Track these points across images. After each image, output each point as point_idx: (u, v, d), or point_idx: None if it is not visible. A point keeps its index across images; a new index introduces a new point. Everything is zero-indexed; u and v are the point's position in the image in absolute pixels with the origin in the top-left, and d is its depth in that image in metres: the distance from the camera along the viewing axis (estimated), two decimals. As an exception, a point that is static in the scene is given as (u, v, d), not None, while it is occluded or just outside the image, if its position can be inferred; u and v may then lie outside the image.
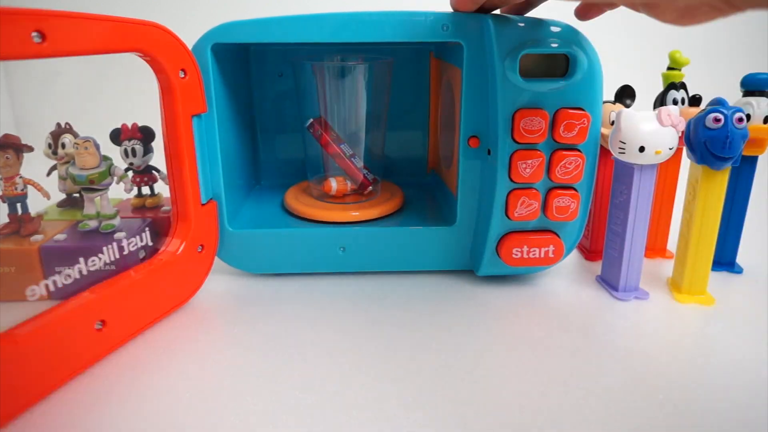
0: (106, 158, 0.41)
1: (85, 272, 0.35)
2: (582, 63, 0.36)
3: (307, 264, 0.44)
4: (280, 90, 0.54)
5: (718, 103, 0.36)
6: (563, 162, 0.38)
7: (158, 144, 0.47)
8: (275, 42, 0.38)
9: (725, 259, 0.45)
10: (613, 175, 0.40)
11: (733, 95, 0.41)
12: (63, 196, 0.48)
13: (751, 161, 0.42)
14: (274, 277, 0.44)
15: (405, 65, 0.53)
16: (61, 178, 0.46)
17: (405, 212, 0.48)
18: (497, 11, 0.39)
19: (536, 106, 0.37)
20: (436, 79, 0.52)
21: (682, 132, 0.37)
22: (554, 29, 0.37)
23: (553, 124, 0.37)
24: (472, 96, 0.39)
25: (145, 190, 0.48)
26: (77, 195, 0.47)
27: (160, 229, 0.46)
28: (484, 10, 0.38)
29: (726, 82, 0.57)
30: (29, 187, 0.41)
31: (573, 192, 0.39)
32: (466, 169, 0.41)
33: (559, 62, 0.37)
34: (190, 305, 0.40)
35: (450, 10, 0.38)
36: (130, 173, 0.46)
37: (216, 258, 0.42)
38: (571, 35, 0.37)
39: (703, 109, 0.36)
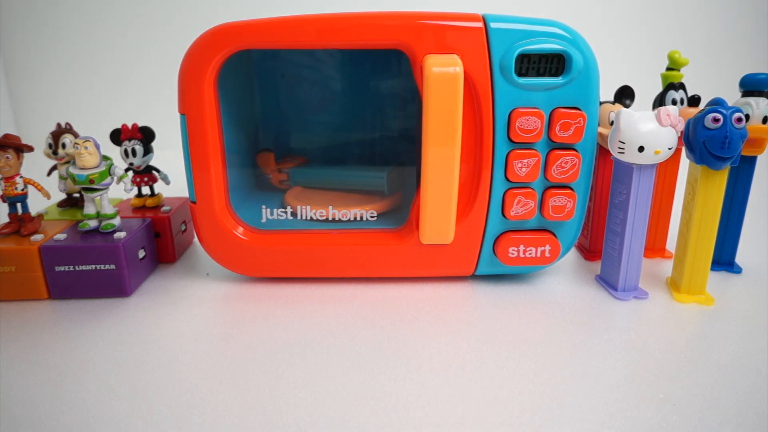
0: (106, 158, 0.41)
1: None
2: (578, 62, 0.36)
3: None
4: (281, 89, 0.54)
5: (717, 103, 0.36)
6: (559, 161, 0.38)
7: (158, 144, 0.47)
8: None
9: (724, 259, 0.45)
10: (612, 175, 0.40)
11: (732, 95, 0.41)
12: (63, 196, 0.48)
13: (750, 161, 0.42)
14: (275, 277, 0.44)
15: (407, 64, 0.53)
16: (61, 178, 0.47)
17: (403, 212, 0.48)
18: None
19: (532, 105, 0.37)
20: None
21: (681, 132, 0.37)
22: (550, 29, 0.37)
23: (549, 124, 0.37)
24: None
25: (145, 190, 0.48)
26: (77, 195, 0.47)
27: (159, 229, 0.46)
28: None
29: (725, 83, 0.57)
30: (29, 187, 0.41)
31: (569, 191, 0.39)
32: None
33: (556, 62, 0.37)
34: (189, 305, 0.40)
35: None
36: (130, 173, 0.46)
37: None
38: (567, 34, 0.37)
39: (702, 109, 0.36)
